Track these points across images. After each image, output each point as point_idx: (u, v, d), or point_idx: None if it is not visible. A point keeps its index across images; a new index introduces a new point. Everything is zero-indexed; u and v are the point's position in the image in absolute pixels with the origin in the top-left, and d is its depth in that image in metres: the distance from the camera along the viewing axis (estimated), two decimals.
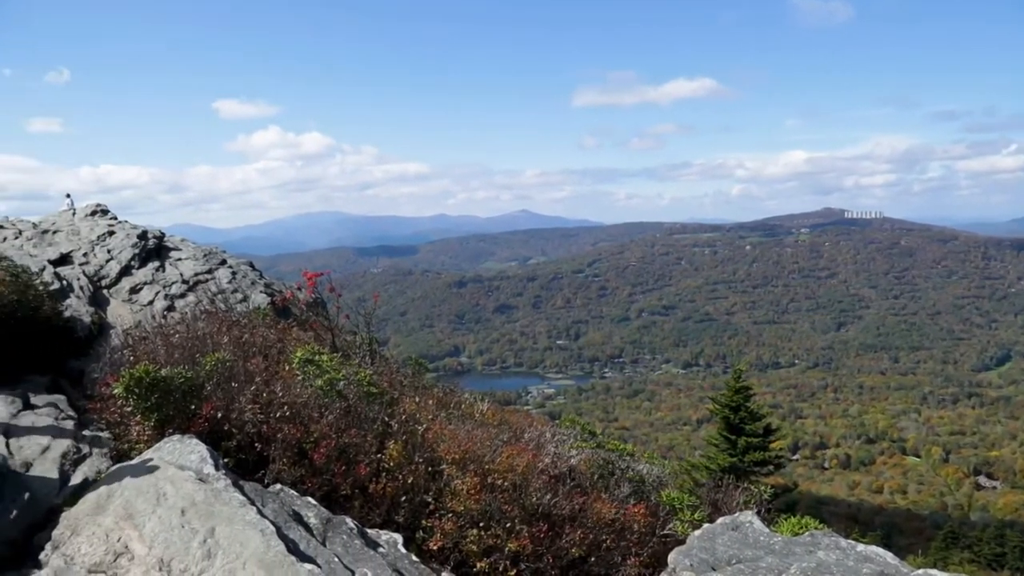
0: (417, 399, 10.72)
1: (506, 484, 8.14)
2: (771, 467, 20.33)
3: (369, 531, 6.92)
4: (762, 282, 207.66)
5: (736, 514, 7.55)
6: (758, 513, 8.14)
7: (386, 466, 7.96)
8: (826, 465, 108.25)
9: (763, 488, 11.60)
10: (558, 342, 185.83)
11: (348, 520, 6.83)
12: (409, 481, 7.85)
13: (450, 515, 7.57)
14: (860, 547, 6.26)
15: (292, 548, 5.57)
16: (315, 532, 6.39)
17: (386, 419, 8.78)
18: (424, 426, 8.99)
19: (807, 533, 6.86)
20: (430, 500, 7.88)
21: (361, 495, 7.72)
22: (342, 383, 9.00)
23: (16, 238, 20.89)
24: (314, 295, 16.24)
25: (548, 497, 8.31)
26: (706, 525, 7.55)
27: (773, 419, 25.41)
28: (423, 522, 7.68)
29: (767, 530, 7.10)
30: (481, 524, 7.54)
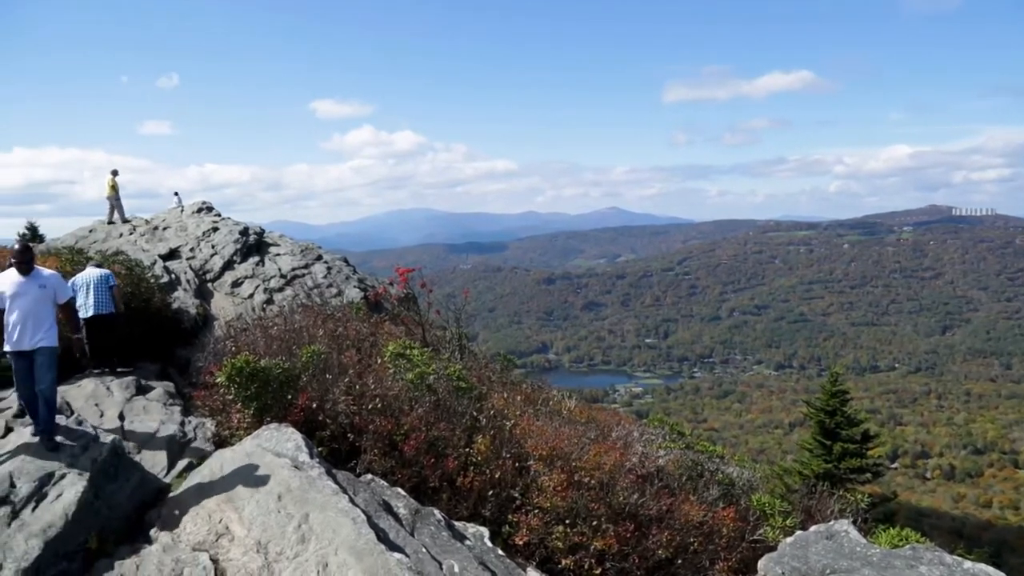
0: (505, 395, 10.80)
1: (593, 482, 8.10)
2: (868, 475, 19.49)
3: (456, 523, 7.01)
4: (860, 282, 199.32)
5: (831, 522, 7.28)
6: (854, 522, 7.83)
7: (474, 460, 8.04)
8: (928, 476, 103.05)
9: (859, 497, 11.17)
10: (646, 340, 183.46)
11: (436, 512, 6.94)
12: (496, 476, 7.91)
13: (536, 511, 7.59)
14: (967, 564, 5.94)
15: (382, 537, 5.69)
16: (404, 522, 6.52)
17: (475, 414, 8.87)
18: (512, 422, 9.05)
19: (907, 546, 6.55)
20: (517, 495, 7.92)
21: (449, 488, 7.83)
22: (432, 377, 9.14)
23: (131, 234, 22.13)
24: (406, 290, 16.55)
25: (635, 497, 8.23)
26: (799, 532, 7.32)
27: (871, 425, 24.34)
28: (509, 517, 7.72)
29: (864, 541, 6.81)
30: (567, 521, 7.53)
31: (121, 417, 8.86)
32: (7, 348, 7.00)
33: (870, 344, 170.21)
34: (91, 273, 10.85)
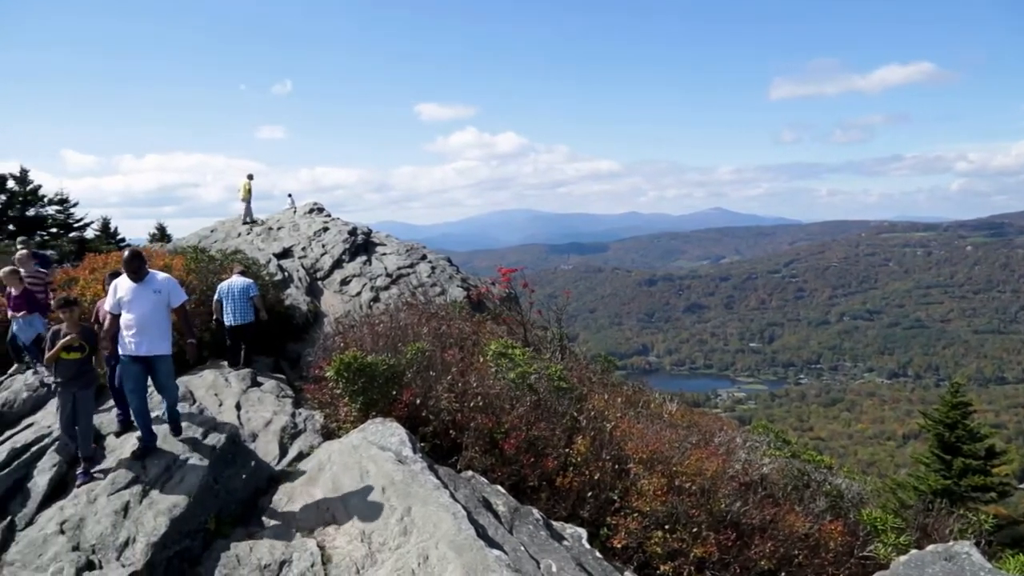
0: (606, 396, 10.76)
1: (694, 488, 7.97)
2: (993, 495, 18.20)
3: (554, 523, 7.03)
4: (985, 287, 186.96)
5: (950, 543, 6.86)
6: (977, 544, 7.38)
7: (573, 461, 8.05)
8: None
9: (983, 517, 10.51)
10: (750, 344, 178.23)
11: (534, 511, 6.98)
12: (595, 477, 7.90)
13: (635, 514, 7.52)
14: None
15: (481, 533, 5.77)
16: (503, 520, 6.60)
17: (575, 414, 8.89)
18: (612, 423, 9.01)
19: None
20: (615, 498, 7.88)
21: (548, 487, 7.86)
22: (533, 377, 9.20)
23: (248, 233, 23.23)
24: (508, 290, 16.71)
25: (737, 504, 8.05)
26: (913, 551, 6.96)
27: (996, 440, 22.70)
28: (608, 519, 7.68)
29: (988, 565, 6.36)
30: (667, 526, 7.43)
31: (238, 407, 9.31)
32: (122, 353, 7.01)
33: (996, 353, 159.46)
34: (235, 282, 11.53)
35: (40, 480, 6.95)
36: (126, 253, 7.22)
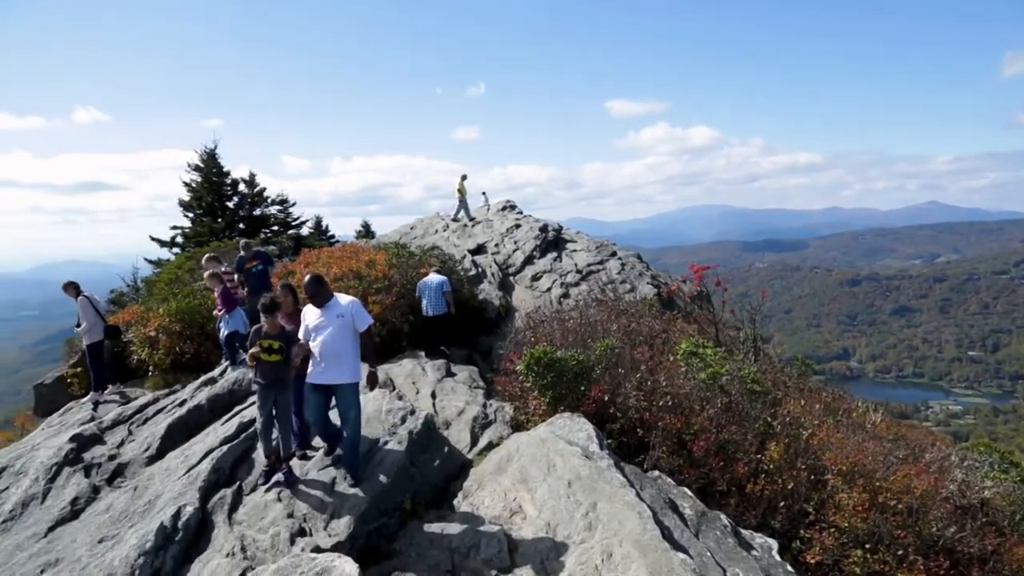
0: (802, 401, 10.20)
1: (900, 506, 7.36)
2: None
3: (743, 531, 6.76)
4: None
5: None
6: None
7: (765, 467, 7.69)
8: None
9: None
10: (970, 353, 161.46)
11: (722, 516, 6.75)
12: (789, 486, 7.49)
13: (832, 529, 7.05)
14: None
15: (666, 534, 5.65)
16: (689, 523, 6.43)
17: (768, 419, 8.49)
18: (809, 431, 8.52)
19: None
20: (810, 510, 7.44)
21: (737, 493, 7.56)
22: (725, 378, 8.90)
23: (445, 230, 24.31)
24: (699, 288, 16.28)
25: (952, 530, 7.33)
26: None
27: None
28: (801, 532, 7.27)
29: None
30: (867, 545, 6.91)
31: (433, 396, 9.76)
32: (308, 380, 6.85)
33: None
34: (432, 279, 12.80)
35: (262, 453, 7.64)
36: (306, 278, 6.95)
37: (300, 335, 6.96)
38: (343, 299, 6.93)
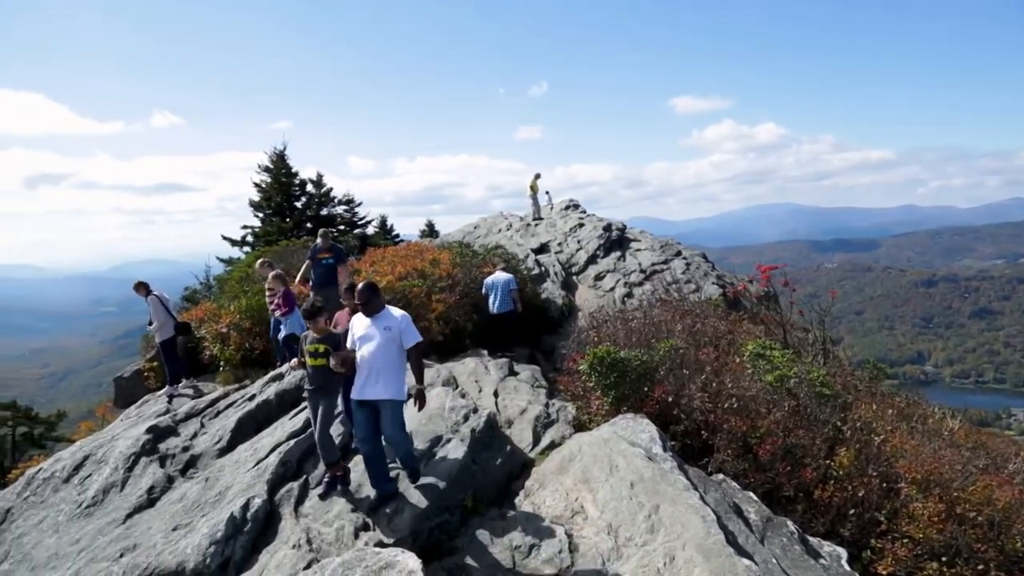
0: (874, 406, 9.90)
1: (980, 518, 7.05)
2: None
3: (810, 539, 6.59)
4: None
5: None
6: None
7: (834, 473, 7.46)
8: None
9: None
10: None
11: (789, 523, 6.58)
12: (859, 494, 7.26)
13: (906, 540, 6.79)
14: None
15: (730, 539, 5.54)
16: (754, 528, 6.30)
17: (838, 423, 8.25)
18: (881, 437, 8.25)
19: None
20: (882, 519, 7.18)
21: (804, 499, 7.36)
22: (793, 381, 8.69)
23: (508, 229, 24.40)
24: (766, 288, 15.96)
25: None
26: None
27: None
28: (872, 541, 7.02)
29: None
30: (944, 558, 6.63)
31: (495, 394, 9.79)
32: (352, 396, 6.57)
33: None
34: (499, 277, 13.03)
35: None
36: (359, 285, 6.65)
37: (348, 343, 6.72)
38: (395, 312, 6.61)
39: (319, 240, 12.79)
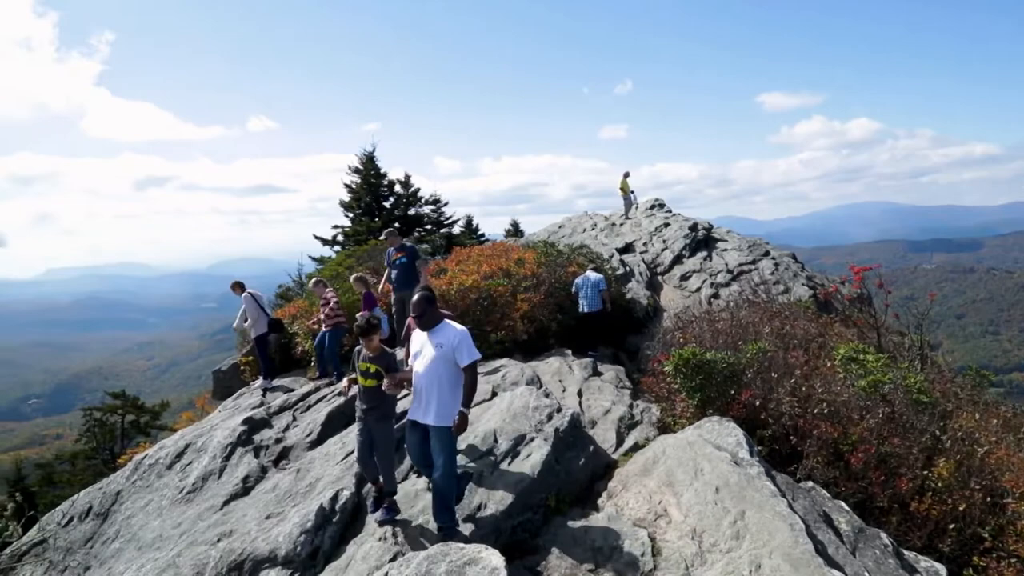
0: (976, 415, 9.44)
1: None
2: None
3: (906, 552, 6.34)
4: None
5: None
6: None
7: (932, 485, 7.14)
8: None
9: None
10: None
11: (883, 535, 6.34)
12: (960, 508, 6.92)
13: (1013, 560, 6.45)
14: None
15: (820, 549, 5.38)
16: (845, 539, 6.10)
17: (936, 432, 7.91)
18: (984, 448, 7.85)
19: None
20: (985, 535, 6.82)
21: (900, 511, 7.07)
22: (887, 386, 8.38)
23: (592, 229, 24.34)
24: (859, 290, 15.42)
25: None
26: None
27: None
28: (974, 559, 6.70)
29: None
30: None
31: (579, 394, 9.80)
32: (409, 416, 6.26)
33: None
34: (589, 276, 13.30)
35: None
36: (416, 296, 6.15)
37: (410, 360, 6.37)
38: (452, 327, 6.11)
39: (384, 238, 12.85)
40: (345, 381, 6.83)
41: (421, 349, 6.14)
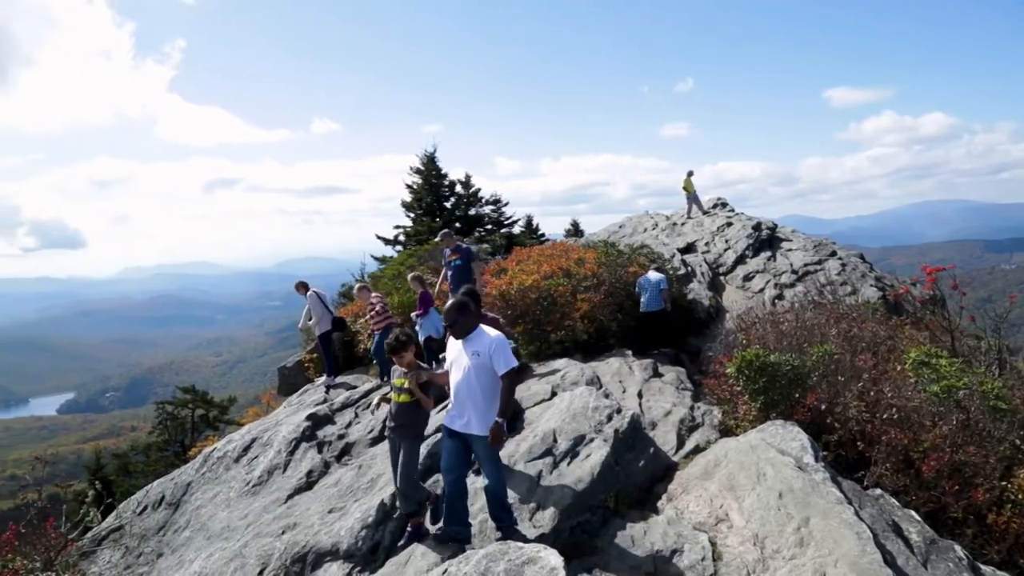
0: None
1: None
2: None
3: (983, 567, 6.09)
4: None
5: None
6: None
7: (1011, 497, 6.84)
8: None
9: None
10: None
11: (956, 547, 6.10)
12: None
13: None
14: None
15: (888, 560, 5.21)
16: (915, 550, 5.90)
17: (1016, 442, 7.59)
18: None
19: None
20: None
21: (976, 523, 6.78)
22: (962, 392, 8.08)
23: (653, 228, 24.10)
24: (932, 291, 14.92)
25: None
26: None
27: None
28: None
29: None
30: None
31: (639, 395, 9.72)
32: (444, 423, 6.12)
33: None
34: (650, 276, 13.44)
35: None
36: (449, 303, 6.02)
37: (447, 365, 6.18)
38: (488, 333, 5.87)
39: (440, 239, 12.93)
40: (376, 398, 6.74)
41: (457, 357, 5.95)
